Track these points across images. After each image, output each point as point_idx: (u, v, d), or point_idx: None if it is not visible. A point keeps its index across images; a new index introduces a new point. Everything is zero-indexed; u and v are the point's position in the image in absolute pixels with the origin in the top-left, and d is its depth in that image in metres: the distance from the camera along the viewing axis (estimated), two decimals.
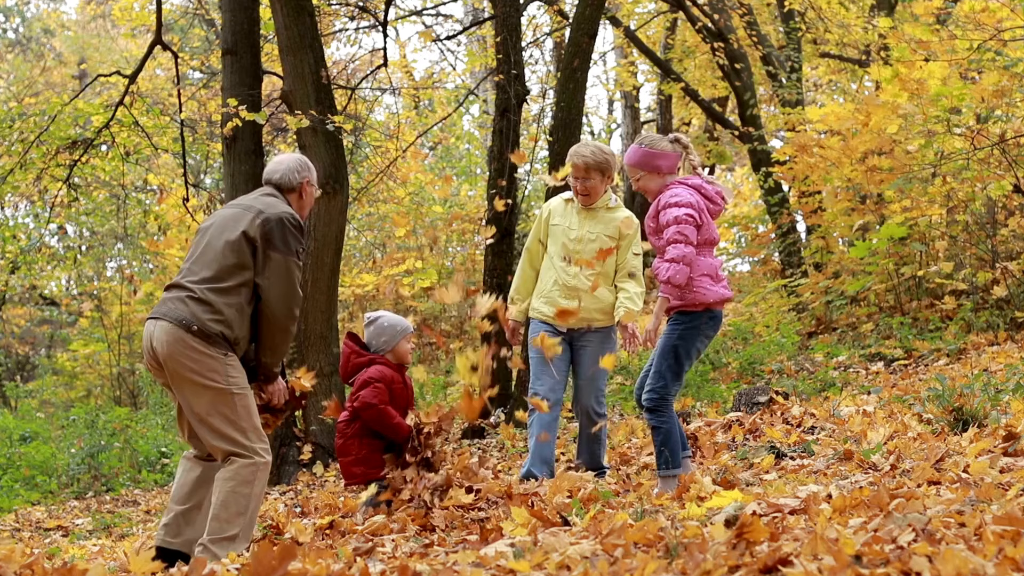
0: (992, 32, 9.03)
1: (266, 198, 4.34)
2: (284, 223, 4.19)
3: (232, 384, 4.14)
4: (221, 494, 4.10)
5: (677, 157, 4.82)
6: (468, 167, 18.14)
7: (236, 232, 4.17)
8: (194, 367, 4.10)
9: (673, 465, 4.67)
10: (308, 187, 4.48)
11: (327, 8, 11.94)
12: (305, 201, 4.49)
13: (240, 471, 4.11)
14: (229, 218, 4.26)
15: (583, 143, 5.45)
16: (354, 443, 5.13)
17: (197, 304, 4.12)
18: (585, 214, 5.45)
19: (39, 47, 25.50)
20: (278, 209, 4.24)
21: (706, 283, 4.68)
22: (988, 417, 5.19)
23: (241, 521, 4.08)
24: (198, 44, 18.03)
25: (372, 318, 5.32)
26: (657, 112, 19.94)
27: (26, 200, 16.35)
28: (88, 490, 9.97)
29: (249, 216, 4.20)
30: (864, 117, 10.01)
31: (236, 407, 4.13)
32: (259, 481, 4.15)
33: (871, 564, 2.48)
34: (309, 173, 4.50)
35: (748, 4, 13.65)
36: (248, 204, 4.31)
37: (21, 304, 18.98)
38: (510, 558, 3.01)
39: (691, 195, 4.70)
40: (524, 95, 9.58)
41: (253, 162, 8.74)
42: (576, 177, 5.34)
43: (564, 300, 5.31)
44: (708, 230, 4.74)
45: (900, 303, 10.43)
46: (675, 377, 4.70)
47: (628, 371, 10.84)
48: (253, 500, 4.12)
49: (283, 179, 4.43)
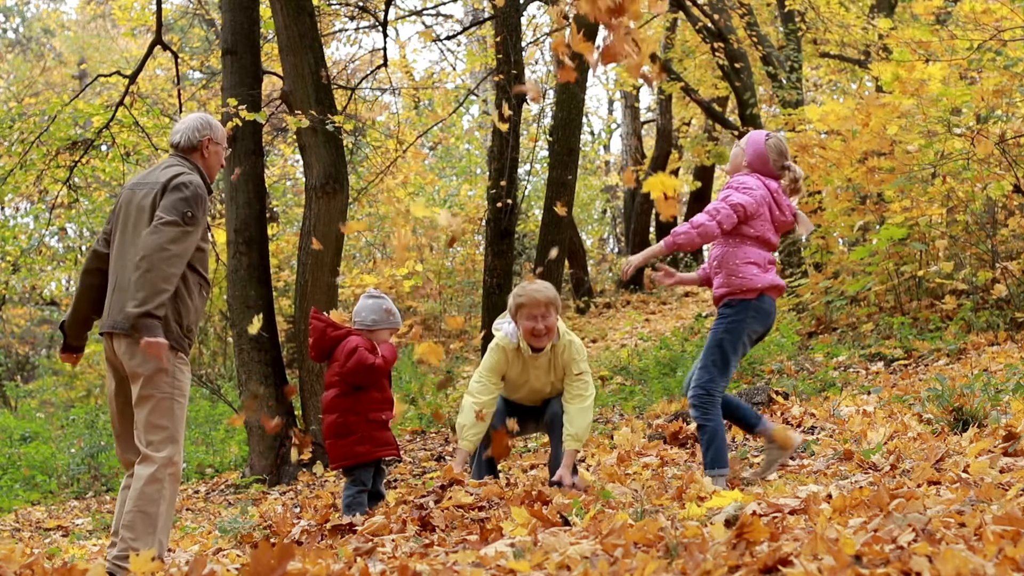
0: (992, 32, 9.03)
1: (167, 169, 4.21)
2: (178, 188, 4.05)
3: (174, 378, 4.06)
4: (127, 516, 3.99)
5: (771, 174, 4.75)
6: (468, 167, 18.15)
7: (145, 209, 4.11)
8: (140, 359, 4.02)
9: (720, 465, 4.59)
10: (211, 145, 4.31)
11: (327, 8, 11.95)
12: (210, 160, 4.31)
13: (145, 490, 3.99)
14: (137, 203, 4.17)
15: (523, 284, 5.08)
16: (358, 421, 5.00)
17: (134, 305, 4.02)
18: (535, 359, 5.11)
19: (39, 47, 25.50)
20: (177, 181, 4.09)
21: (752, 270, 4.64)
22: (988, 417, 5.19)
23: (150, 539, 3.97)
24: (198, 44, 18.04)
25: (377, 295, 5.21)
26: (657, 112, 19.95)
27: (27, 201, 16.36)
28: (88, 490, 9.97)
29: (152, 195, 4.12)
30: (864, 117, 10.01)
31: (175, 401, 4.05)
32: (165, 497, 4.00)
33: (871, 564, 2.48)
34: (211, 131, 4.32)
35: (748, 4, 13.65)
36: (150, 181, 4.20)
37: (21, 304, 18.99)
38: (510, 558, 3.01)
39: (759, 188, 4.66)
40: (524, 95, 9.59)
41: (253, 162, 8.74)
42: (532, 317, 4.98)
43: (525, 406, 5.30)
44: (764, 228, 4.68)
45: (900, 303, 10.43)
46: (722, 372, 4.63)
47: (628, 371, 10.84)
48: (161, 517, 4.00)
49: (182, 140, 4.30)
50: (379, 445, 5.04)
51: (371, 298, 5.19)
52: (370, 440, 5.01)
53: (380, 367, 5.02)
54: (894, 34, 11.22)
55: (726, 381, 4.69)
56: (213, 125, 4.35)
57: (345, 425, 5.01)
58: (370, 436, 5.02)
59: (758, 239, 4.67)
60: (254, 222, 8.80)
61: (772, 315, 4.73)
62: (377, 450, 5.04)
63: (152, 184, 4.16)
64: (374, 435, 5.03)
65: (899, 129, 10.01)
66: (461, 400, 5.38)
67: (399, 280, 15.84)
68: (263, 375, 8.42)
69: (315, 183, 8.29)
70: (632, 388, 9.69)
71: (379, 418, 5.06)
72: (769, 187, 4.72)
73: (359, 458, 5.01)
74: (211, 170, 4.33)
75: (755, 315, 4.65)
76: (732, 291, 4.64)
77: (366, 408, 5.04)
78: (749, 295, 4.62)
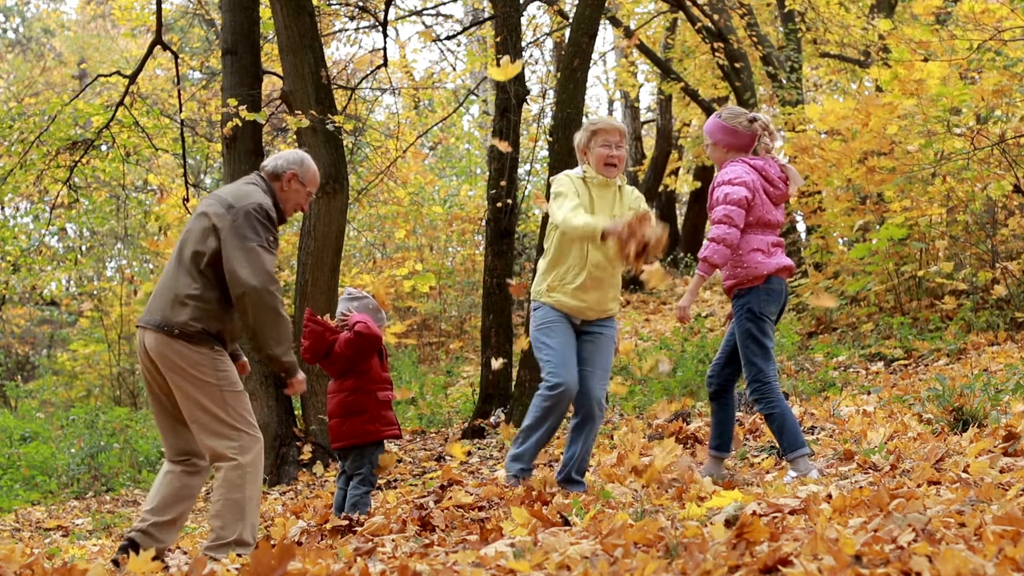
0: (992, 32, 9.02)
1: (243, 187, 4.32)
2: (249, 213, 4.15)
3: (222, 380, 4.15)
4: (215, 504, 4.12)
5: (749, 136, 4.77)
6: (468, 167, 18.15)
7: (205, 224, 4.18)
8: (183, 365, 4.11)
9: (798, 445, 4.60)
10: (294, 181, 4.41)
11: (327, 8, 11.94)
12: (287, 195, 4.41)
13: (228, 476, 4.11)
14: (200, 213, 4.27)
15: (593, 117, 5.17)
16: (368, 400, 5.04)
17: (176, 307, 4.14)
18: (603, 192, 4.99)
19: (39, 47, 25.50)
20: (247, 200, 4.20)
21: (757, 257, 4.68)
22: (988, 417, 5.19)
23: (239, 526, 4.09)
24: (198, 44, 18.03)
25: (359, 295, 5.24)
26: (657, 112, 19.94)
27: (27, 201, 16.36)
28: (88, 490, 9.97)
29: (218, 207, 4.19)
30: (864, 117, 10.01)
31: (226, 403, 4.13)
32: (250, 482, 4.13)
33: (871, 564, 2.48)
34: (299, 168, 4.43)
35: (748, 4, 13.65)
36: (220, 195, 4.30)
37: (21, 304, 18.99)
38: (510, 558, 3.01)
39: (748, 174, 4.67)
40: (524, 95, 9.58)
41: (253, 162, 8.73)
42: (607, 144, 4.93)
43: (592, 292, 4.92)
44: (762, 210, 4.71)
45: (900, 303, 10.43)
46: (765, 359, 4.66)
47: (627, 371, 10.83)
48: (248, 503, 4.12)
49: (270, 164, 4.44)
50: (385, 425, 5.10)
51: (355, 300, 5.23)
52: (378, 419, 5.07)
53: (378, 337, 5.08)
54: (894, 34, 11.22)
55: (773, 365, 4.71)
56: (304, 164, 4.47)
57: (356, 403, 5.05)
58: (378, 415, 5.07)
59: (758, 223, 4.71)
60: None
61: (784, 294, 4.78)
62: (384, 430, 5.10)
63: (219, 198, 4.26)
64: (382, 414, 5.09)
65: (899, 129, 10.01)
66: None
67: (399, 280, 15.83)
68: (263, 375, 8.42)
69: None
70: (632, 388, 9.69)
71: (387, 397, 5.12)
72: (756, 167, 4.73)
73: (367, 437, 5.05)
74: (286, 203, 4.43)
75: (767, 297, 4.70)
76: (740, 281, 4.70)
77: (374, 387, 5.09)
78: (757, 282, 4.68)
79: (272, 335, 4.15)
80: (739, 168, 4.71)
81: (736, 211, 4.61)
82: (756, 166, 4.73)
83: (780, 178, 4.78)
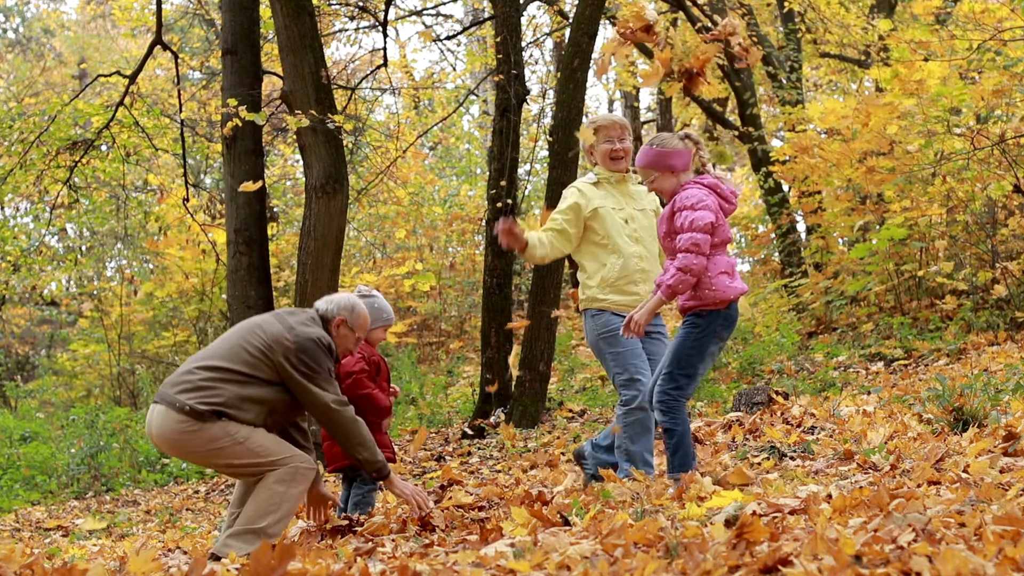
0: (992, 32, 9.03)
1: (305, 322, 4.45)
2: (309, 346, 4.29)
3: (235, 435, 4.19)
4: (258, 491, 4.24)
5: (689, 154, 4.73)
6: (468, 167, 18.15)
7: (263, 333, 4.30)
8: (193, 443, 4.17)
9: (687, 468, 4.56)
10: (343, 327, 4.54)
11: (327, 8, 11.95)
12: (336, 340, 4.52)
13: (281, 472, 4.25)
14: (263, 322, 4.39)
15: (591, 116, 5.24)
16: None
17: (192, 391, 4.18)
18: (622, 188, 5.14)
19: (39, 47, 25.50)
20: (308, 331, 4.34)
21: (724, 280, 4.57)
22: (988, 417, 5.19)
23: (270, 518, 4.16)
24: (198, 44, 18.04)
25: (367, 293, 5.25)
26: (657, 112, 19.95)
27: (27, 201, 16.36)
28: (88, 490, 9.97)
29: (280, 327, 4.32)
30: (864, 117, 10.01)
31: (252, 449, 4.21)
32: (297, 483, 4.26)
33: (871, 564, 2.48)
34: (349, 315, 4.56)
35: (748, 4, 13.65)
36: (284, 318, 4.43)
37: (21, 304, 19.00)
38: (510, 558, 3.01)
39: (708, 196, 4.59)
40: (524, 95, 9.58)
41: (253, 162, 8.74)
42: (610, 139, 5.09)
43: (642, 284, 5.00)
44: (723, 230, 4.64)
45: (900, 303, 10.43)
46: (689, 380, 4.60)
47: None
48: (287, 500, 4.22)
49: (322, 306, 4.57)
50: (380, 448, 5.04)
51: (361, 297, 5.19)
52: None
53: (386, 408, 5.06)
54: (894, 34, 11.22)
55: (693, 387, 4.68)
56: (355, 312, 4.60)
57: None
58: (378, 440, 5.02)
59: (722, 242, 4.65)
60: (254, 222, 8.79)
61: (736, 320, 4.72)
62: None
63: (282, 320, 4.40)
64: (375, 437, 5.02)
65: (899, 129, 10.01)
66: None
67: (399, 280, 15.83)
68: None
69: (315, 183, 8.29)
70: None
71: (378, 422, 5.07)
72: (710, 186, 4.67)
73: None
74: (338, 347, 4.55)
75: (723, 323, 4.60)
76: (704, 303, 4.56)
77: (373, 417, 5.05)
78: (720, 306, 4.57)
79: (346, 443, 4.46)
80: (698, 192, 4.60)
81: (703, 238, 4.50)
82: (710, 185, 4.65)
83: (731, 193, 4.73)
